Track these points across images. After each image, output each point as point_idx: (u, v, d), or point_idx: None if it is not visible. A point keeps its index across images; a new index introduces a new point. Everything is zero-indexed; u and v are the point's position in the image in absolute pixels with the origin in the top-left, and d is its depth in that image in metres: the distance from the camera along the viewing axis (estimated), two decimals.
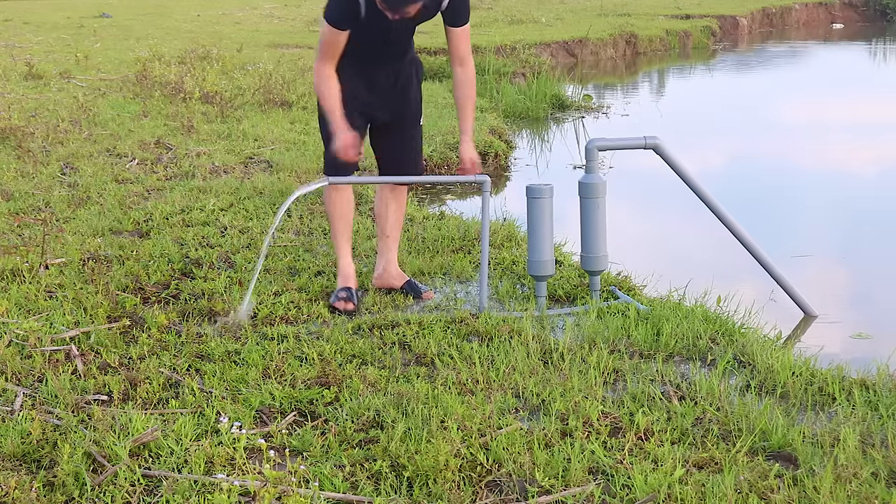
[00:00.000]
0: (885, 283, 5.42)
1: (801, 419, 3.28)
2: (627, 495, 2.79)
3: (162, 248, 5.21)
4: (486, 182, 4.53)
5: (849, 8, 25.75)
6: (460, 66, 4.53)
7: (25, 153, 7.58)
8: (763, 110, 11.98)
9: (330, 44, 4.30)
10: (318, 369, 3.64)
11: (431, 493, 2.80)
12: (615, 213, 4.93)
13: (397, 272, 4.68)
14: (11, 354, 3.72)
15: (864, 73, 16.42)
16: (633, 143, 4.60)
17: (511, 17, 20.58)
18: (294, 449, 3.07)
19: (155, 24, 20.82)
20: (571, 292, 4.64)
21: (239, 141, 8.33)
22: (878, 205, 7.11)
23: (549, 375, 3.58)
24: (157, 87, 10.75)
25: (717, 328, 4.07)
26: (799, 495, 2.75)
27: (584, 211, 4.54)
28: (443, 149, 8.07)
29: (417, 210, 6.20)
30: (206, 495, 2.75)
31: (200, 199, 6.30)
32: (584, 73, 15.48)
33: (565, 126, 10.63)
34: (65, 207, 6.15)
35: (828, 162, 8.98)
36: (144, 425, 3.13)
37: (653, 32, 18.85)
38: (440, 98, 10.79)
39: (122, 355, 3.82)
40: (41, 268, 4.80)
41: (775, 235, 6.10)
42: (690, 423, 3.19)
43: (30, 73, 12.02)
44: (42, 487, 2.82)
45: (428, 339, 3.94)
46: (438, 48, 15.33)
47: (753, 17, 22.88)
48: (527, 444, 3.05)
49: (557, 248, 5.17)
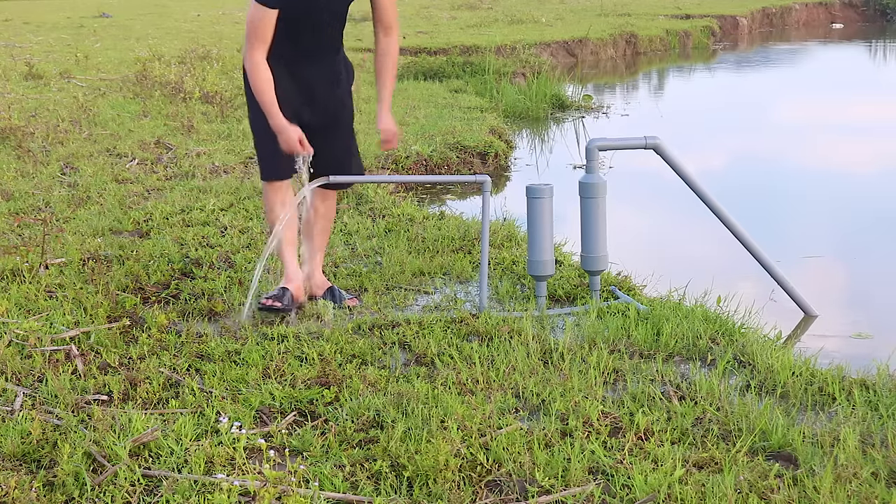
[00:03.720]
0: (885, 283, 5.42)
1: (801, 419, 3.28)
2: (627, 495, 2.79)
3: (162, 248, 5.21)
4: (487, 182, 4.52)
5: (849, 8, 25.75)
6: (385, 35, 4.32)
7: (25, 153, 7.58)
8: (763, 110, 11.98)
9: (259, 27, 4.06)
10: (318, 369, 3.64)
11: (431, 493, 2.80)
12: (615, 213, 4.93)
13: (321, 280, 4.55)
14: (11, 354, 3.72)
15: (864, 72, 16.42)
16: (634, 143, 4.60)
17: (511, 17, 20.59)
18: (294, 449, 3.07)
19: (155, 24, 20.82)
20: (571, 292, 4.64)
21: (239, 141, 8.34)
22: (878, 205, 7.11)
23: (549, 375, 3.58)
24: (157, 87, 10.76)
25: (717, 328, 4.07)
26: (799, 495, 2.75)
27: (584, 211, 4.54)
28: (443, 149, 8.07)
29: (417, 210, 6.20)
30: (206, 495, 2.75)
31: (200, 199, 6.30)
32: (584, 73, 15.48)
33: (565, 126, 10.63)
34: (65, 207, 6.15)
35: (828, 162, 8.98)
36: (144, 425, 3.13)
37: (653, 32, 18.86)
38: (440, 98, 10.79)
39: (122, 355, 3.82)
40: (41, 268, 4.80)
41: (775, 235, 6.10)
42: (690, 423, 3.19)
43: (30, 73, 12.02)
44: (42, 487, 2.82)
45: (428, 339, 3.94)
46: (438, 48, 15.35)
47: (753, 17, 22.89)
48: (527, 444, 3.05)
49: (557, 248, 5.17)
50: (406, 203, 6.32)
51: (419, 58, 13.79)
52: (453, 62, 12.88)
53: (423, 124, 9.07)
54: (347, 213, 6.08)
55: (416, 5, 25.56)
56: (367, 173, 6.45)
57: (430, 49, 15.38)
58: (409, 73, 12.71)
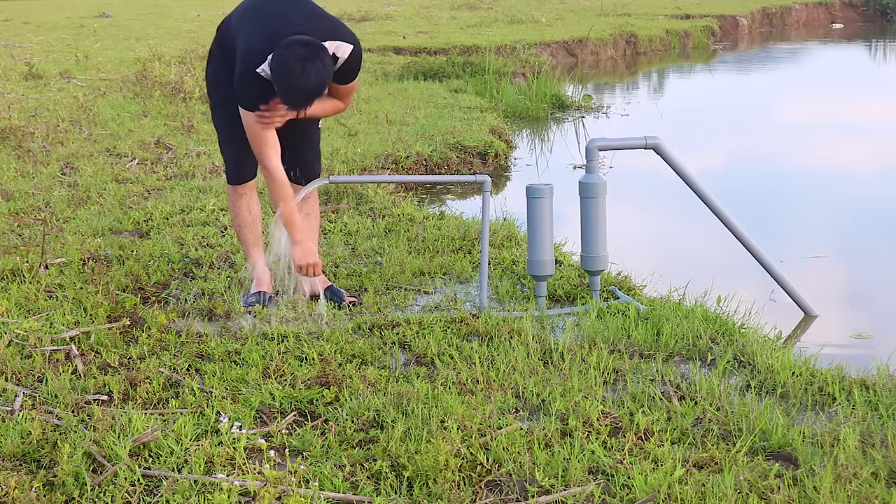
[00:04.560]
0: (885, 283, 5.42)
1: (801, 419, 3.28)
2: (627, 495, 2.79)
3: (162, 248, 5.21)
4: (487, 182, 4.52)
5: (849, 8, 25.75)
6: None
7: (25, 153, 7.58)
8: (763, 110, 11.97)
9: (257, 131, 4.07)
10: (318, 369, 3.64)
11: (431, 493, 2.80)
12: (615, 213, 4.93)
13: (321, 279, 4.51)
14: (11, 354, 3.72)
15: (864, 72, 16.42)
16: (634, 143, 4.60)
17: (511, 17, 20.59)
18: (294, 449, 3.07)
19: (155, 24, 20.83)
20: (571, 292, 4.64)
21: None
22: (878, 205, 7.11)
23: (549, 375, 3.58)
24: (157, 87, 10.75)
25: (717, 328, 4.07)
26: (799, 495, 2.75)
27: (584, 211, 4.54)
28: (443, 149, 8.07)
29: (417, 210, 6.19)
30: (206, 495, 2.75)
31: (200, 199, 6.30)
32: (584, 73, 15.48)
33: (565, 126, 10.63)
34: (65, 207, 6.15)
35: (827, 162, 8.98)
36: (144, 425, 3.13)
37: (653, 32, 18.86)
38: (440, 98, 10.79)
39: (122, 355, 3.82)
40: (41, 268, 4.80)
41: (775, 235, 6.10)
42: (690, 423, 3.19)
43: (30, 73, 12.03)
44: (42, 487, 2.82)
45: (428, 339, 3.94)
46: (438, 48, 15.35)
47: (753, 17, 22.89)
48: (527, 444, 3.05)
49: (557, 248, 5.17)
50: (406, 203, 6.32)
51: (419, 58, 13.79)
52: (453, 62, 12.87)
53: (423, 124, 9.06)
54: (347, 213, 6.08)
55: (416, 5, 25.57)
56: (368, 173, 6.44)
57: (430, 49, 15.38)
58: (409, 73, 12.70)
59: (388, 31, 18.40)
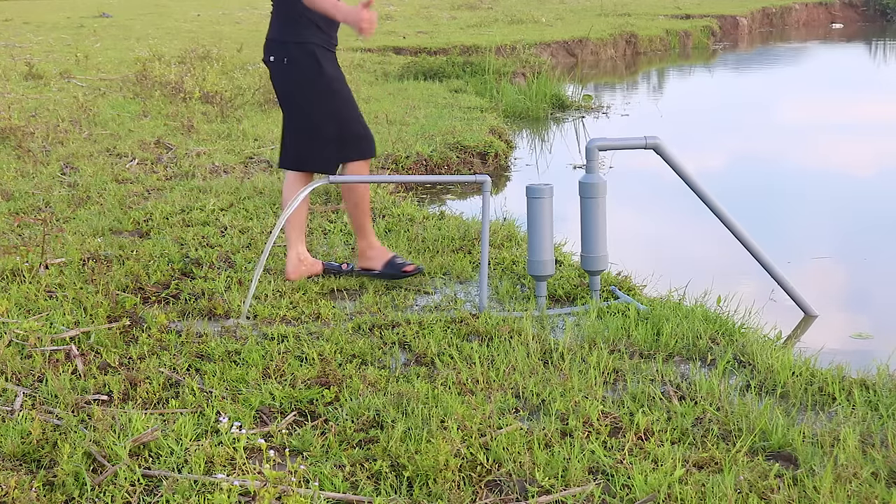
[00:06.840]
0: (885, 283, 5.42)
1: (801, 419, 3.28)
2: (627, 495, 2.79)
3: (162, 248, 5.21)
4: (487, 182, 4.52)
5: (849, 8, 25.75)
6: None
7: (25, 153, 7.58)
8: (763, 110, 11.98)
9: None
10: (318, 369, 3.64)
11: (431, 493, 2.80)
12: (615, 213, 4.93)
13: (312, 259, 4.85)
14: (11, 354, 3.72)
15: (864, 72, 16.42)
16: (634, 143, 4.60)
17: (511, 17, 20.59)
18: (294, 449, 3.07)
19: (155, 24, 20.83)
20: (571, 292, 4.64)
21: (239, 141, 8.34)
22: (878, 205, 7.11)
23: (549, 375, 3.58)
24: (157, 87, 10.76)
25: (717, 328, 4.07)
26: (799, 495, 2.75)
27: (584, 211, 4.54)
28: (443, 149, 8.07)
29: (417, 210, 6.20)
30: (206, 495, 2.75)
31: (200, 199, 6.31)
32: (584, 73, 15.48)
33: (565, 126, 10.63)
34: (65, 207, 6.15)
35: (828, 162, 8.98)
36: (144, 425, 3.13)
37: (653, 32, 18.86)
38: (440, 98, 10.79)
39: (122, 355, 3.82)
40: (41, 268, 4.80)
41: (775, 235, 6.10)
42: (690, 423, 3.19)
43: (30, 73, 12.03)
44: (42, 487, 2.82)
45: (428, 339, 3.94)
46: (438, 48, 15.35)
47: (753, 17, 22.90)
48: (527, 444, 3.05)
49: (557, 248, 5.17)
50: (406, 203, 6.32)
51: (419, 58, 13.79)
52: (453, 62, 12.88)
53: (423, 124, 9.07)
54: (348, 212, 6.07)
55: (416, 5, 25.57)
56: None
57: (430, 49, 15.38)
58: (409, 73, 12.71)
59: (388, 31, 18.40)
